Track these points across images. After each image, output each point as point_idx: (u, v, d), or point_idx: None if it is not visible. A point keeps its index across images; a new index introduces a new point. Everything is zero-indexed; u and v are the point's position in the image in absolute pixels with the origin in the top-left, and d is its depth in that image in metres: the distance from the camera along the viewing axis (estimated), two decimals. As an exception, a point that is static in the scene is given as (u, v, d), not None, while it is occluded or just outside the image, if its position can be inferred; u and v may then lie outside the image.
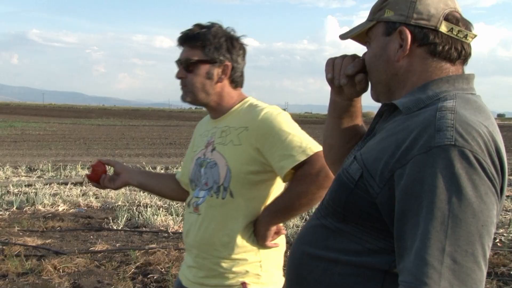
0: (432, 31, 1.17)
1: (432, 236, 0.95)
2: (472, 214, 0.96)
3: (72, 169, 11.36)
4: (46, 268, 4.81)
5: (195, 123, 2.25)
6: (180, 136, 26.74)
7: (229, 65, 1.89)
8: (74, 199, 8.07)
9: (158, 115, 67.65)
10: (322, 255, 1.19)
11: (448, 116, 1.03)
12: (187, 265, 1.95)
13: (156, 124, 40.73)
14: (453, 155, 0.98)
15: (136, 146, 19.95)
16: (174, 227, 6.57)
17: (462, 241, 0.95)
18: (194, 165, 1.97)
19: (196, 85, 1.88)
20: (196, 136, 2.10)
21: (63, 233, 6.29)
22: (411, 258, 0.97)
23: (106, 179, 2.08)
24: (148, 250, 5.47)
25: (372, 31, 1.26)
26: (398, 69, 1.20)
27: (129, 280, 4.62)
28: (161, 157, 15.91)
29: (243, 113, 1.89)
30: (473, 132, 1.01)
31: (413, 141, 1.03)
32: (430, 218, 0.96)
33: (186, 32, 1.90)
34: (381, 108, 1.28)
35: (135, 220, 6.84)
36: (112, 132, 28.71)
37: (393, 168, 1.04)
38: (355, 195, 1.11)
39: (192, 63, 1.87)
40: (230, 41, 1.90)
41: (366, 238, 1.12)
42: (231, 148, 1.84)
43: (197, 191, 1.91)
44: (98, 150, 17.68)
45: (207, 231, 1.84)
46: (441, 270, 0.93)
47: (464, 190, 0.96)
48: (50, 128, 30.43)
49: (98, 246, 5.69)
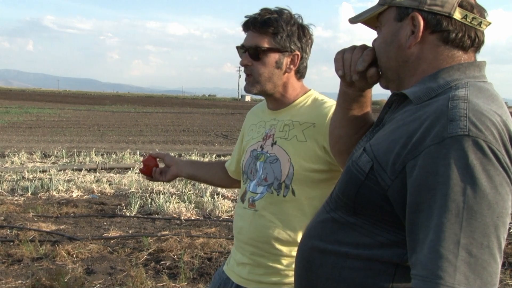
0: (446, 18, 1.13)
1: (447, 228, 0.94)
2: (488, 205, 0.94)
3: (86, 156, 11.45)
4: (60, 253, 4.87)
5: (209, 110, 2.23)
6: (193, 123, 26.81)
7: (299, 55, 1.80)
8: (88, 186, 8.14)
9: (171, 102, 67.77)
10: (332, 249, 1.17)
11: (461, 106, 1.01)
12: (239, 262, 1.86)
13: (169, 111, 40.82)
14: (467, 145, 0.95)
15: (149, 133, 20.03)
16: (186, 214, 6.61)
17: (477, 233, 0.93)
18: (248, 156, 1.88)
19: (264, 75, 1.78)
20: (249, 125, 2.00)
21: (76, 219, 6.36)
22: (425, 251, 0.95)
23: (157, 173, 2.10)
24: (160, 237, 5.51)
25: (383, 15, 1.22)
26: (409, 56, 1.17)
27: (141, 266, 4.65)
28: (174, 144, 15.98)
29: (309, 108, 1.81)
30: (487, 121, 0.98)
31: (425, 131, 1.00)
32: (445, 210, 0.94)
33: (254, 16, 1.77)
34: (390, 98, 1.25)
35: (147, 207, 6.89)
36: (126, 118, 28.85)
37: (405, 160, 1.02)
38: (366, 187, 1.09)
39: (262, 51, 1.76)
40: (301, 29, 1.80)
41: (377, 231, 1.10)
42: (295, 144, 1.75)
43: (253, 186, 1.82)
44: (112, 137, 17.79)
45: (265, 228, 1.76)
46: (456, 263, 0.92)
47: (479, 181, 0.94)
48: (65, 114, 30.66)
49: (111, 232, 5.75)
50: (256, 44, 1.77)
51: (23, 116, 27.40)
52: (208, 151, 13.41)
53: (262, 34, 1.76)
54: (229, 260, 1.96)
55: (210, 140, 17.65)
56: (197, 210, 6.85)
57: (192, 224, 6.30)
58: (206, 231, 5.91)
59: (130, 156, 11.52)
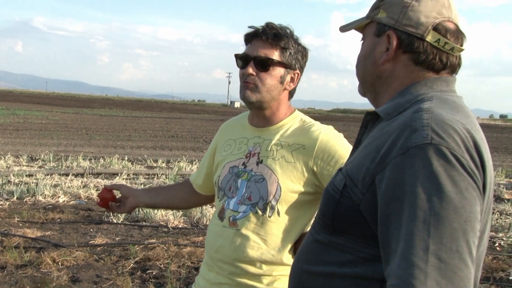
0: (418, 39, 1.15)
1: (416, 236, 0.94)
2: (454, 210, 0.95)
3: (73, 160, 11.36)
4: (45, 260, 4.81)
5: (198, 116, 2.21)
6: (182, 128, 26.75)
7: (299, 74, 1.81)
8: (75, 191, 8.07)
9: (160, 106, 67.64)
10: (318, 270, 1.17)
11: (424, 116, 1.03)
12: (213, 282, 1.80)
13: (158, 116, 40.70)
14: (430, 153, 0.97)
15: (138, 138, 19.95)
16: (174, 222, 6.58)
17: (446, 238, 0.94)
18: (227, 173, 1.83)
19: (267, 86, 1.76)
20: (225, 139, 1.94)
21: (63, 225, 6.30)
22: (396, 261, 0.96)
23: (114, 206, 2.05)
24: (147, 245, 5.48)
25: (366, 28, 1.25)
26: (382, 72, 1.20)
27: (127, 275, 4.62)
28: (163, 150, 15.92)
29: (298, 130, 1.80)
30: (449, 129, 1.00)
31: (391, 144, 1.03)
32: (412, 218, 0.95)
33: (264, 28, 1.75)
34: (365, 118, 1.27)
35: (135, 214, 6.83)
36: (115, 123, 28.72)
37: (373, 173, 1.04)
38: (341, 205, 1.11)
39: (272, 63, 1.74)
40: (304, 49, 1.82)
41: (358, 248, 1.11)
42: (283, 164, 1.73)
43: (233, 204, 1.77)
44: (100, 141, 17.69)
45: (247, 248, 1.73)
46: (426, 270, 0.92)
47: (444, 188, 0.95)
48: (53, 117, 30.44)
49: (98, 239, 5.69)
50: (266, 55, 1.74)
51: (10, 118, 27.15)
52: (196, 157, 13.37)
53: (273, 47, 1.74)
54: (198, 281, 1.89)
55: (198, 147, 17.61)
56: (185, 218, 6.81)
57: (179, 232, 6.27)
58: (194, 239, 5.88)
59: (118, 162, 11.46)
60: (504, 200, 9.19)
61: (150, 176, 9.96)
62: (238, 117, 1.99)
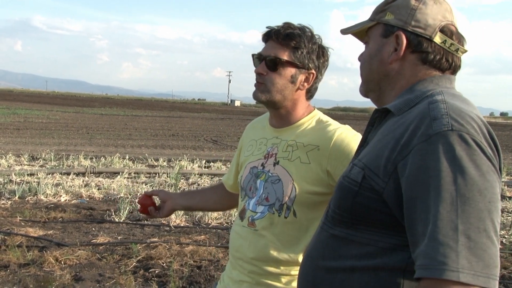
0: (426, 40, 1.23)
1: (444, 217, 0.99)
2: (478, 191, 1.00)
3: (74, 159, 11.36)
4: (47, 259, 4.82)
5: (198, 115, 2.23)
6: (183, 127, 26.75)
7: (314, 74, 1.80)
8: (76, 190, 8.07)
9: (161, 105, 67.61)
10: (337, 265, 1.19)
11: (441, 106, 1.10)
12: (236, 280, 1.83)
13: (159, 115, 40.68)
14: (452, 139, 1.03)
15: (138, 137, 19.95)
16: (176, 221, 6.57)
17: (473, 218, 0.99)
18: (248, 173, 1.86)
19: (277, 86, 1.76)
20: (249, 139, 1.98)
21: (65, 224, 6.30)
22: (426, 242, 1.00)
23: (153, 211, 2.10)
24: (149, 244, 5.48)
25: (371, 30, 1.32)
26: (390, 71, 1.27)
27: (130, 274, 4.62)
28: (163, 149, 15.92)
29: (313, 130, 1.79)
30: (466, 117, 1.07)
31: (412, 133, 1.08)
32: (440, 200, 1.00)
33: (278, 28, 1.77)
34: (372, 116, 1.32)
35: (137, 213, 6.84)
36: (115, 122, 28.71)
37: (395, 161, 1.08)
38: (361, 196, 1.14)
39: (281, 62, 1.75)
40: (321, 50, 1.80)
41: (378, 238, 1.14)
42: (298, 166, 1.74)
43: (252, 205, 1.81)
44: (100, 140, 17.69)
45: (265, 248, 1.75)
46: (457, 249, 0.97)
47: (468, 170, 1.01)
48: (53, 116, 30.45)
49: (100, 238, 5.69)
50: (276, 55, 1.75)
51: (11, 117, 27.16)
52: (197, 156, 13.38)
53: (284, 46, 1.75)
54: (223, 278, 1.94)
55: (199, 145, 17.61)
56: (187, 217, 6.82)
57: (181, 231, 6.27)
58: (196, 238, 5.89)
59: (119, 161, 11.46)
60: (505, 198, 9.19)
61: (151, 175, 9.96)
62: (262, 117, 2.02)
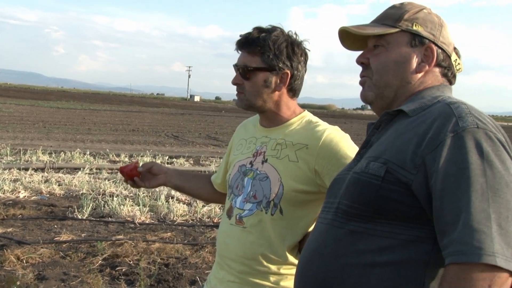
0: (447, 57, 1.35)
1: (477, 206, 1.05)
2: (505, 184, 1.07)
3: (32, 154, 11.02)
4: (8, 258, 4.65)
5: (158, 110, 2.17)
6: (143, 122, 26.39)
7: (288, 74, 1.79)
8: (36, 186, 7.83)
9: (119, 99, 66.42)
10: (355, 262, 1.18)
11: (463, 107, 1.18)
12: (224, 280, 1.82)
13: (117, 109, 39.97)
14: (479, 136, 1.11)
15: (98, 131, 19.54)
16: (140, 217, 6.47)
17: (502, 208, 1.05)
18: (236, 171, 1.87)
19: (253, 93, 1.80)
20: (239, 139, 1.99)
21: (25, 222, 6.10)
22: (459, 229, 1.05)
23: (139, 181, 2.01)
24: (115, 242, 5.37)
25: (392, 36, 1.34)
26: (414, 79, 1.32)
27: (97, 272, 4.52)
28: (124, 144, 15.66)
29: (303, 129, 1.81)
30: (486, 117, 1.16)
31: (438, 128, 1.14)
32: (471, 190, 1.06)
33: (245, 36, 1.80)
34: (380, 120, 1.34)
35: (100, 210, 6.69)
36: (73, 116, 28.03)
37: (423, 154, 1.14)
38: (384, 189, 1.17)
39: (250, 70, 1.78)
40: (291, 47, 1.79)
41: (399, 231, 1.16)
42: (286, 164, 1.75)
43: (239, 202, 1.81)
44: (58, 135, 17.24)
45: (254, 245, 1.75)
46: (491, 235, 1.02)
47: (495, 164, 1.08)
48: (7, 109, 29.42)
49: (63, 236, 5.54)
50: (244, 64, 1.79)
51: (-39, 109, 26.10)
52: (159, 152, 13.22)
53: (251, 54, 1.78)
54: (210, 280, 1.92)
55: (161, 141, 17.41)
56: (152, 214, 6.72)
57: (147, 228, 6.18)
58: (162, 235, 5.81)
59: (80, 156, 11.18)
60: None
61: (113, 170, 9.77)
62: (253, 118, 2.01)
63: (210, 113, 42.82)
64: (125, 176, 2.03)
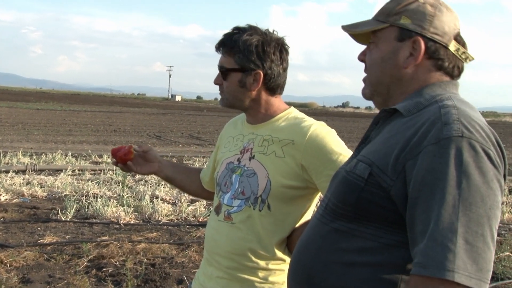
0: (443, 47, 1.26)
1: (445, 219, 1.02)
2: (481, 198, 1.04)
3: (13, 156, 10.84)
4: (-8, 262, 4.59)
5: (139, 110, 2.15)
6: (124, 123, 26.17)
7: (261, 73, 1.78)
8: (17, 188, 7.72)
9: (100, 100, 65.75)
10: (336, 259, 1.19)
11: (453, 111, 1.12)
12: (212, 276, 1.83)
13: (98, 109, 39.55)
14: (461, 145, 1.06)
15: (79, 132, 19.33)
16: (125, 218, 6.43)
17: (472, 223, 1.02)
18: (224, 168, 1.88)
19: (230, 93, 1.83)
20: (226, 136, 2.00)
21: (7, 225, 6.02)
22: (425, 241, 1.03)
23: (131, 166, 1.97)
24: (100, 243, 5.33)
25: (382, 32, 1.30)
26: (404, 75, 1.28)
27: (83, 274, 4.48)
28: (106, 145, 15.52)
29: (289, 125, 1.81)
30: (476, 125, 1.10)
31: (422, 135, 1.10)
32: (443, 202, 1.03)
33: (222, 36, 1.83)
34: (378, 115, 1.32)
35: (84, 211, 6.64)
36: (53, 117, 27.68)
37: (404, 160, 1.11)
38: (366, 192, 1.16)
39: (224, 72, 1.81)
40: (261, 47, 1.78)
41: (380, 234, 1.16)
42: (273, 160, 1.75)
43: (228, 199, 1.81)
44: (39, 136, 17.01)
45: (242, 241, 1.75)
46: (455, 250, 1.00)
47: (473, 177, 1.04)
48: (-15, 111, 28.95)
49: (47, 238, 5.48)
50: (221, 65, 1.82)
51: None
52: (142, 152, 13.11)
53: (226, 55, 1.81)
54: (198, 276, 1.92)
55: (143, 141, 17.28)
56: (136, 214, 6.68)
57: (132, 228, 6.14)
58: (147, 236, 5.79)
59: (62, 157, 11.05)
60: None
61: (96, 171, 9.69)
62: (241, 115, 2.02)
63: (192, 112, 42.63)
64: (117, 159, 1.97)
